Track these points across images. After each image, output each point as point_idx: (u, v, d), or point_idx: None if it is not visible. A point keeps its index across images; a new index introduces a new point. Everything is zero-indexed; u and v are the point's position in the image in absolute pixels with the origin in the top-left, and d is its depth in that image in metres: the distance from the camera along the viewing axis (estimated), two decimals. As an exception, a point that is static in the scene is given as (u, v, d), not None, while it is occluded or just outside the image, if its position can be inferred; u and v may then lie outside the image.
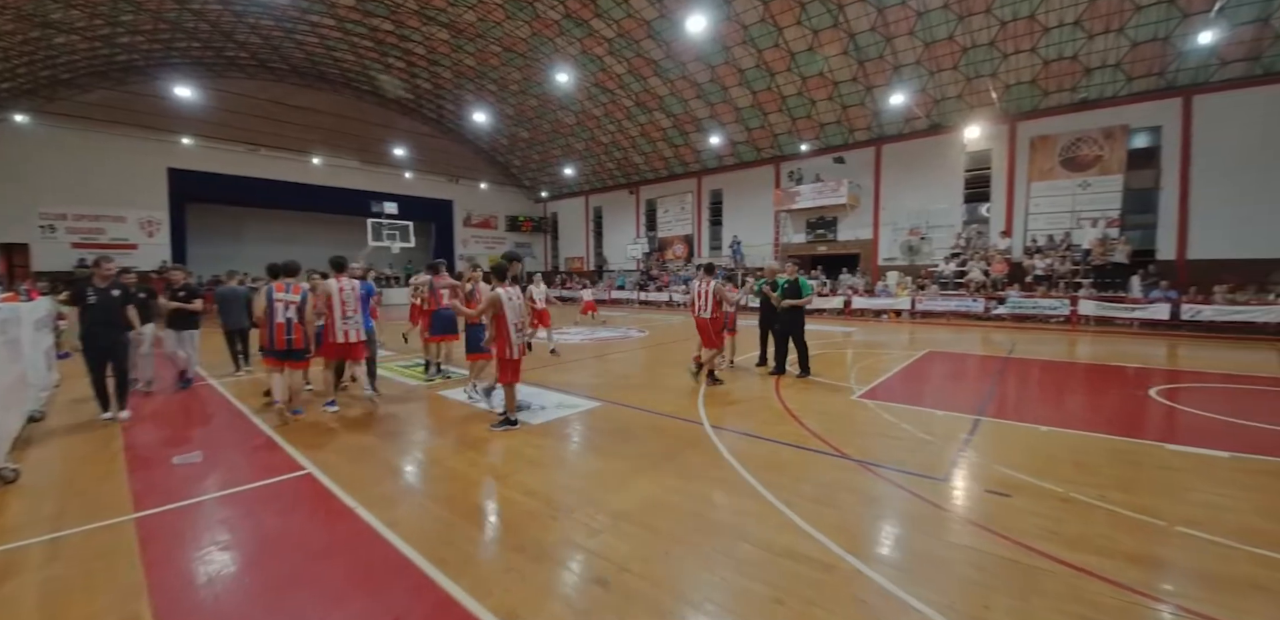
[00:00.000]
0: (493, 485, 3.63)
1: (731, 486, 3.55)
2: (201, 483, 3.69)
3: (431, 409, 5.79)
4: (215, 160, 20.73)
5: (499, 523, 3.11)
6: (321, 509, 3.27)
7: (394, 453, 4.37)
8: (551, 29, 17.87)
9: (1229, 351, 9.41)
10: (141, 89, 18.85)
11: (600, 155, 25.26)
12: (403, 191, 25.19)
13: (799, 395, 6.14)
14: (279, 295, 5.19)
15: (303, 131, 22.10)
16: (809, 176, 19.35)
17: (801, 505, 3.26)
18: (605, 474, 3.82)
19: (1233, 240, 12.78)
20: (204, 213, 21.61)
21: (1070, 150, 14.98)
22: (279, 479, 3.75)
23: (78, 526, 3.05)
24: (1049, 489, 3.50)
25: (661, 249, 24.97)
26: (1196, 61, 12.73)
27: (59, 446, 4.61)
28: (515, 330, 4.73)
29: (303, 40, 19.50)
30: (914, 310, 15.19)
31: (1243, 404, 5.79)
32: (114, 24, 15.68)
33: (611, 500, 3.35)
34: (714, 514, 3.15)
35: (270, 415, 5.31)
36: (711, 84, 18.59)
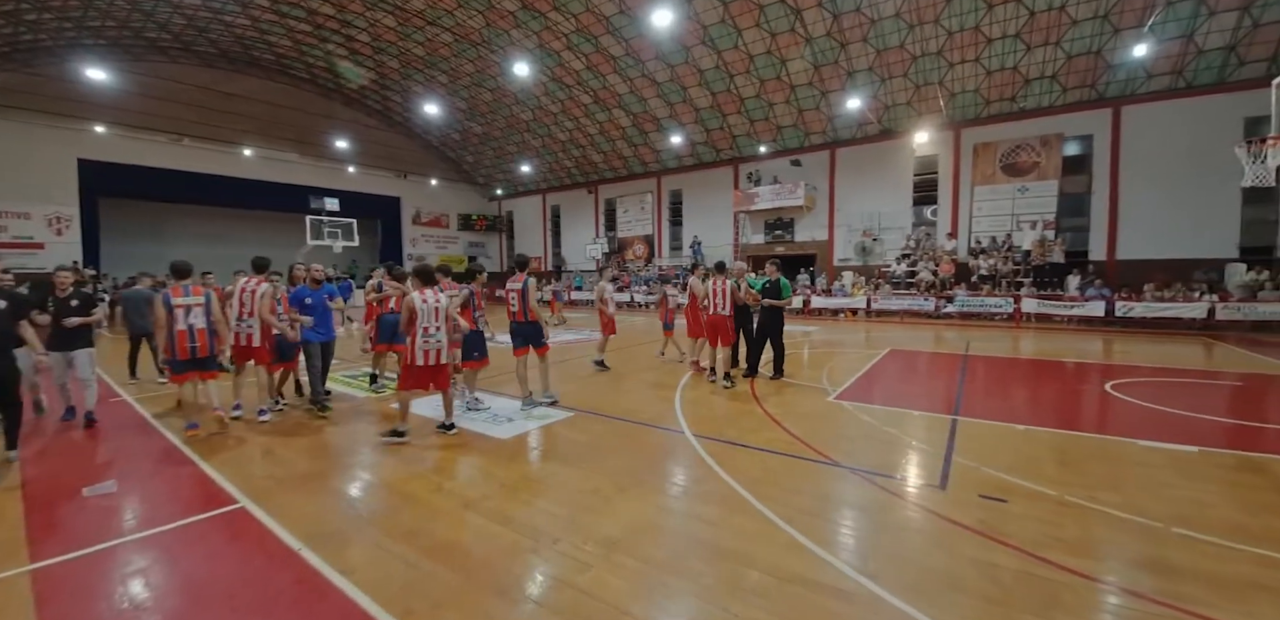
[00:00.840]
0: (462, 514, 3.23)
1: (725, 502, 3.31)
2: (112, 523, 3.12)
3: (383, 426, 5.26)
4: (133, 151, 18.82)
5: (474, 561, 2.73)
6: (259, 552, 2.79)
7: (343, 479, 3.88)
8: (506, 20, 17.25)
9: (1162, 345, 10.05)
10: (50, 72, 16.91)
11: (558, 153, 24.71)
12: (345, 187, 23.76)
13: (776, 398, 6.01)
14: (177, 300, 4.63)
15: (233, 121, 20.44)
16: (767, 178, 19.56)
17: (803, 521, 3.05)
18: (587, 494, 3.49)
19: (1157, 242, 13.78)
20: (120, 208, 19.61)
21: (1010, 156, 15.76)
22: (207, 515, 3.21)
23: None
24: (1041, 492, 3.46)
25: (621, 249, 24.68)
26: (1126, 74, 13.64)
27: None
28: (422, 335, 4.49)
29: (232, 22, 18.01)
30: (869, 309, 15.57)
31: (1192, 397, 6.09)
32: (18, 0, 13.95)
33: (598, 525, 3.03)
34: (712, 536, 2.89)
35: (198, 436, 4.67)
36: (671, 83, 18.47)
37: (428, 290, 4.64)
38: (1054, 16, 13.10)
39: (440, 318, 4.60)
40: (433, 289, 4.70)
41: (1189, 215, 13.38)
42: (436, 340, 4.57)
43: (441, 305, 4.62)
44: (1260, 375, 7.27)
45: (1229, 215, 13.06)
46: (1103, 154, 14.51)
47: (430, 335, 4.54)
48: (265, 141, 21.69)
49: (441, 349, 4.60)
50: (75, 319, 4.97)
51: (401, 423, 4.61)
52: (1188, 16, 12.09)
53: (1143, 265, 13.73)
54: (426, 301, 4.55)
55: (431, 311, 4.55)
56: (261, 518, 3.19)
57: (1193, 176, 13.31)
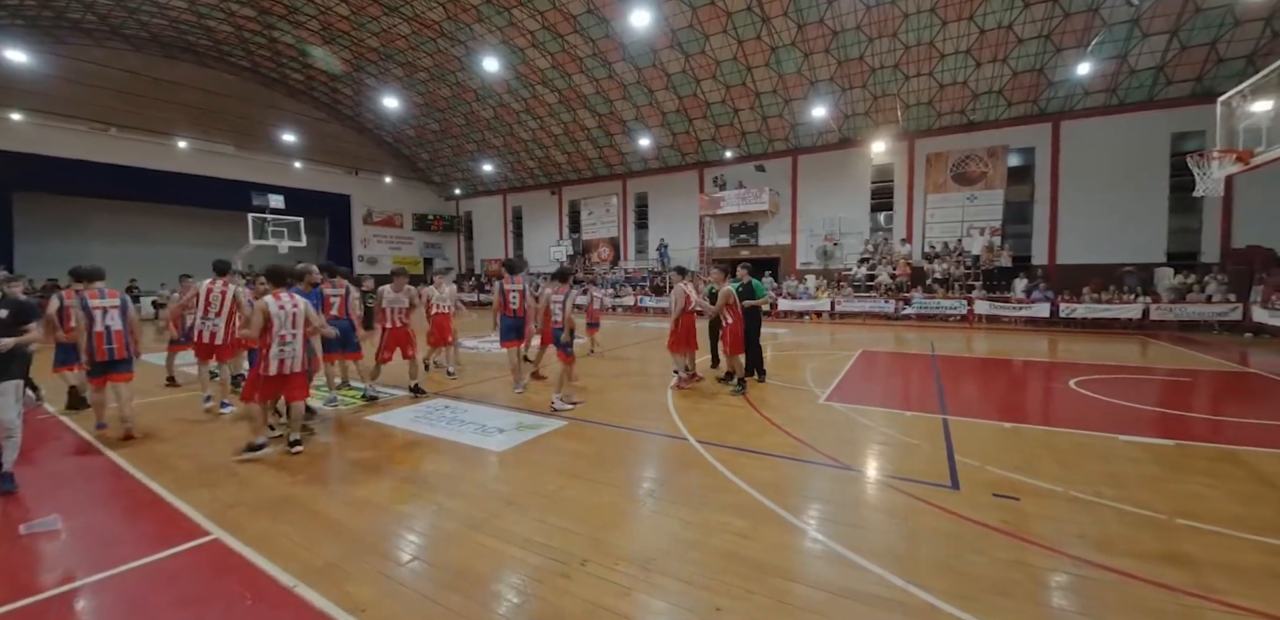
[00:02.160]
0: (473, 536, 2.97)
1: (750, 512, 3.19)
2: (61, 565, 2.68)
3: (363, 439, 4.87)
4: (52, 141, 17.00)
5: (500, 589, 2.49)
6: (248, 592, 2.45)
7: (324, 501, 3.50)
8: (469, 14, 16.73)
9: (1105, 344, 10.76)
10: None
11: (520, 152, 24.18)
12: (291, 183, 22.33)
13: (769, 400, 5.98)
14: (94, 302, 4.66)
15: (165, 110, 18.87)
16: (732, 183, 19.81)
17: (832, 529, 2.99)
18: (603, 509, 3.30)
19: (1092, 247, 14.84)
20: (37, 203, 17.65)
21: (960, 166, 16.60)
22: (175, 550, 2.81)
23: None
24: (1048, 489, 3.54)
25: (586, 251, 24.39)
26: (1065, 91, 14.62)
27: None
28: (277, 343, 4.19)
29: (165, 4, 16.62)
30: (833, 311, 15.99)
31: (1148, 393, 6.51)
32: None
33: (624, 543, 2.86)
34: (748, 551, 2.77)
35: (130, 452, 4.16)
36: (638, 86, 18.43)
37: (283, 294, 4.31)
38: (1001, 35, 13.89)
39: (298, 324, 4.30)
40: (289, 293, 4.36)
41: (1121, 223, 14.48)
42: (292, 349, 4.27)
43: (300, 311, 4.31)
44: (1201, 371, 7.88)
45: (1157, 223, 14.21)
46: (1044, 165, 15.50)
47: (286, 343, 4.23)
48: (201, 133, 20.13)
49: (297, 358, 4.30)
50: (5, 341, 3.60)
51: (259, 436, 4.32)
52: (1122, 38, 13.09)
53: (1080, 269, 14.73)
54: (284, 307, 4.23)
55: (289, 318, 4.24)
56: (240, 550, 2.82)
57: (1125, 187, 14.43)
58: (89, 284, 4.76)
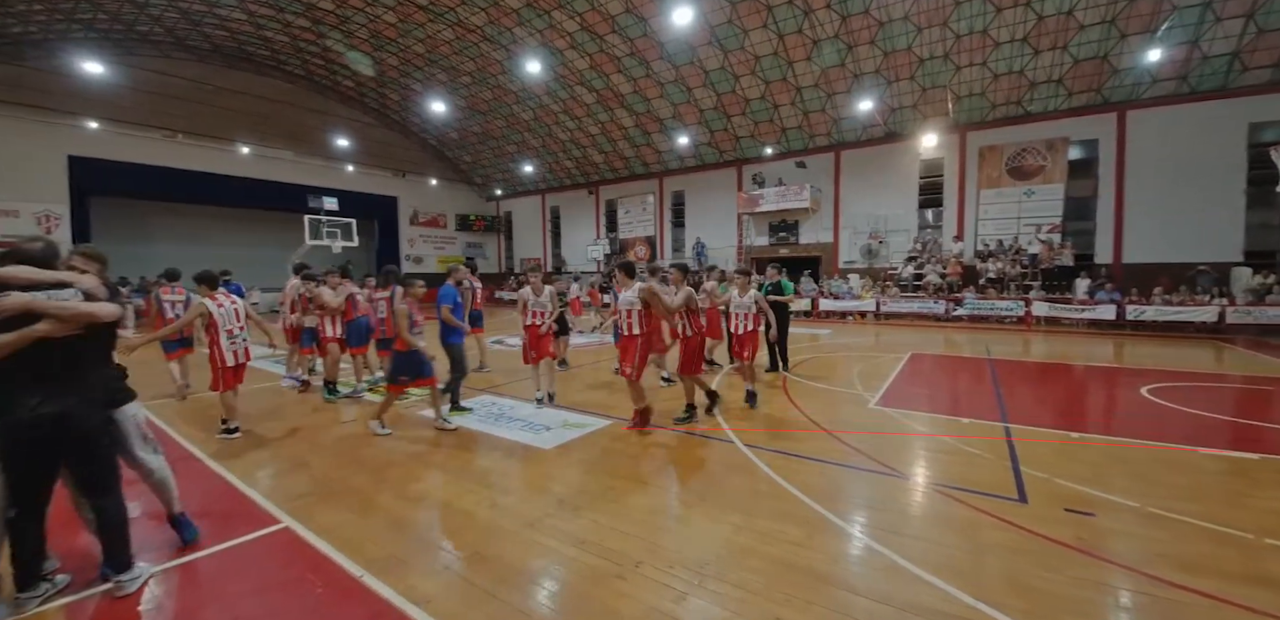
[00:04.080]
0: (528, 535, 3.02)
1: (805, 521, 3.13)
2: (142, 549, 2.86)
3: (416, 434, 5.02)
4: (125, 148, 18.24)
5: (557, 588, 2.53)
6: (318, 580, 2.56)
7: (385, 493, 3.64)
8: (510, 18, 17.00)
9: (1176, 349, 10.06)
10: (39, 65, 16.31)
11: (558, 153, 24.46)
12: (343, 186, 23.27)
13: (816, 403, 5.85)
14: (166, 296, 6.28)
15: (228, 117, 19.93)
16: (771, 180, 19.48)
17: (893, 541, 2.89)
18: (654, 511, 3.30)
19: (1162, 245, 13.87)
20: (111, 207, 19.01)
21: (1016, 160, 15.81)
22: (250, 537, 2.97)
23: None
24: (1122, 503, 3.34)
25: (623, 250, 24.48)
26: (1132, 79, 13.72)
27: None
28: (227, 337, 4.78)
29: (226, 16, 17.56)
30: (878, 312, 15.52)
31: (1229, 402, 6.05)
32: (-5, -16, 13.44)
33: (678, 548, 2.85)
34: (803, 559, 2.71)
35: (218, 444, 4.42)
36: (675, 84, 18.33)
37: (219, 295, 4.82)
38: (1062, 21, 13.14)
39: (241, 319, 4.91)
40: (225, 293, 4.89)
41: (1193, 219, 13.48)
42: (243, 339, 4.90)
43: (240, 308, 4.90)
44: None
45: (1233, 219, 13.16)
46: (1108, 158, 14.59)
47: (235, 336, 4.83)
48: (260, 139, 21.20)
49: (247, 347, 4.93)
50: (133, 339, 3.76)
51: (232, 421, 4.90)
52: (1194, 22, 12.18)
53: (1148, 268, 13.81)
54: (223, 306, 4.78)
55: (230, 314, 4.81)
56: (309, 539, 2.96)
57: (1197, 180, 13.42)
58: (170, 283, 6.32)
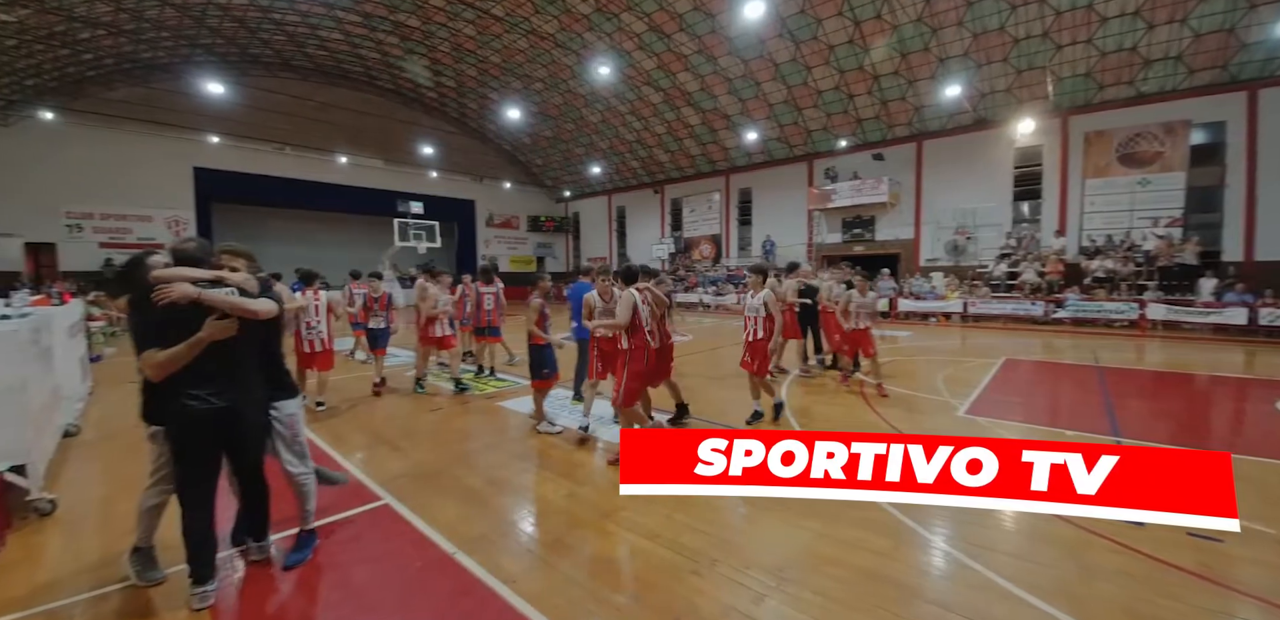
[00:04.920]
0: (604, 525, 3.10)
1: (890, 531, 3.00)
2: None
3: (495, 424, 5.28)
4: (241, 159, 20.50)
5: (633, 580, 2.59)
6: (416, 555, 2.77)
7: (474, 479, 3.86)
8: (580, 24, 17.40)
9: (1332, 360, 8.67)
10: (167, 86, 18.63)
11: (624, 154, 24.77)
12: (427, 191, 24.83)
13: (896, 409, 5.57)
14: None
15: (327, 130, 21.82)
16: (845, 174, 18.71)
17: (988, 557, 2.71)
18: (726, 510, 3.29)
19: (1307, 241, 12.00)
20: (229, 212, 21.41)
21: (1128, 146, 14.22)
22: (356, 511, 3.26)
23: (124, 582, 2.54)
24: (1256, 530, 2.95)
25: (688, 249, 24.42)
26: (1263, 54, 11.94)
27: (99, 469, 4.17)
28: (306, 328, 5.48)
29: (326, 37, 19.21)
30: (965, 314, 14.50)
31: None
32: (139, 19, 15.44)
33: (754, 549, 2.82)
34: (889, 571, 2.60)
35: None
36: (744, 79, 18.02)
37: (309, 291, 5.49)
38: (1183, -11, 11.68)
39: (321, 313, 5.48)
40: (313, 289, 5.49)
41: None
42: (319, 331, 5.48)
43: (321, 304, 5.48)
44: None
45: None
46: (1237, 142, 12.77)
47: (313, 327, 5.46)
48: (355, 148, 23.06)
49: (323, 338, 5.49)
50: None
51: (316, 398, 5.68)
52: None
53: (1288, 267, 11.99)
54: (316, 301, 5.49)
55: (312, 309, 5.44)
56: (407, 516, 3.20)
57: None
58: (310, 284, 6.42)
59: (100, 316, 10.78)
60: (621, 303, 4.08)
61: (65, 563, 2.75)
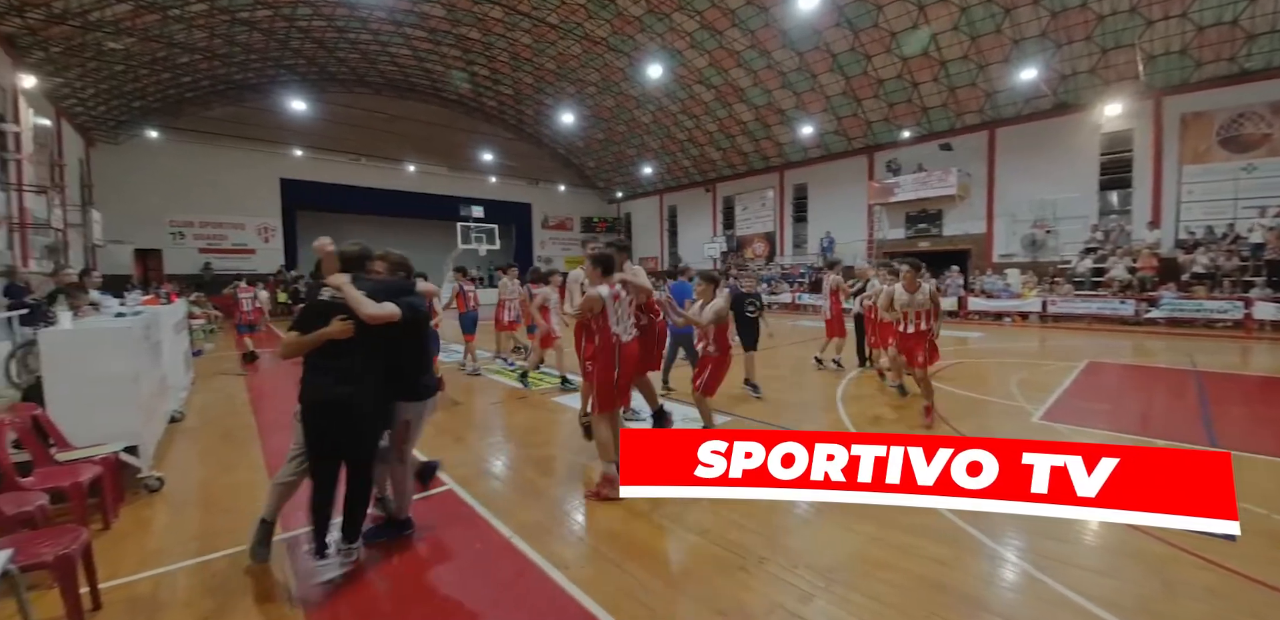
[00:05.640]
0: (654, 518, 3.15)
1: (952, 540, 2.87)
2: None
3: (552, 418, 5.46)
4: (322, 170, 22.17)
5: (680, 572, 2.63)
6: (478, 538, 2.93)
7: (530, 470, 4.02)
8: (632, 26, 17.55)
9: None
10: (256, 105, 20.36)
11: (676, 153, 24.76)
12: (487, 195, 25.88)
13: (963, 414, 5.29)
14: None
15: (397, 141, 23.14)
16: (909, 166, 17.86)
17: (1063, 572, 2.55)
18: (777, 511, 3.25)
19: None
20: (311, 219, 23.13)
21: (1230, 129, 12.80)
22: (423, 495, 3.47)
23: (224, 549, 2.85)
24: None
25: (740, 247, 24.09)
26: None
27: (200, 451, 4.66)
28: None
29: (396, 53, 20.36)
30: (1044, 313, 13.50)
31: None
32: (231, 43, 16.95)
33: (804, 549, 2.79)
34: (948, 580, 2.50)
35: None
36: (799, 72, 17.57)
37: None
38: (1311, -54, 10.35)
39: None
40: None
41: None
42: None
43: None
44: None
45: None
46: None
47: None
48: (422, 157, 24.37)
49: None
50: None
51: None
52: None
53: None
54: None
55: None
56: (469, 502, 3.38)
57: None
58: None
59: (200, 315, 11.92)
60: (585, 300, 3.56)
61: (170, 534, 3.10)
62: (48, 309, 4.22)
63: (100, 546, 2.78)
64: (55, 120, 14.05)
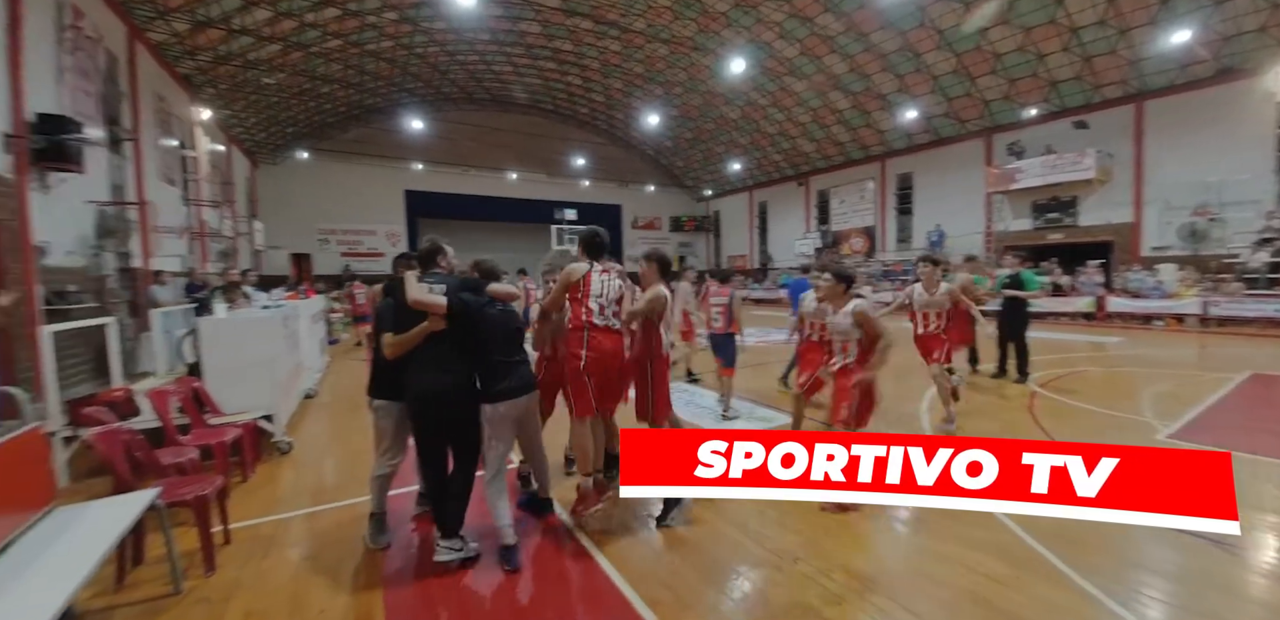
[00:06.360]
0: (699, 511, 3.16)
1: (1016, 559, 2.61)
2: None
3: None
4: (437, 181, 24.63)
5: (712, 564, 2.66)
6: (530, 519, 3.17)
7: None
8: (718, 22, 17.38)
9: None
10: (382, 125, 23.03)
11: (766, 147, 24.11)
12: (579, 199, 27.10)
13: (1070, 426, 4.71)
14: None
15: (500, 151, 24.98)
16: (1034, 149, 15.90)
17: (1147, 605, 2.23)
18: (827, 515, 3.14)
19: None
20: (430, 225, 25.65)
21: None
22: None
23: (331, 503, 3.39)
24: None
25: (836, 243, 22.89)
26: None
27: (326, 422, 5.44)
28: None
29: (499, 70, 21.93)
30: (1205, 316, 11.40)
31: None
32: (361, 72, 19.28)
33: (843, 553, 2.69)
34: (1002, 599, 2.29)
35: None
36: (901, 53, 16.33)
37: None
38: None
39: None
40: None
41: None
42: None
43: None
44: None
45: None
46: None
47: None
48: (523, 166, 26.10)
49: None
50: None
51: None
52: None
53: None
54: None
55: None
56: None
57: None
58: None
59: (339, 309, 13.76)
60: (650, 300, 3.23)
61: (292, 488, 3.73)
62: (211, 302, 5.18)
63: (237, 495, 3.43)
64: (226, 146, 16.92)
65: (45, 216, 6.47)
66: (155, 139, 10.81)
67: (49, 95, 6.92)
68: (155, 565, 2.59)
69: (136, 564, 2.58)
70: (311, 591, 2.45)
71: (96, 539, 2.06)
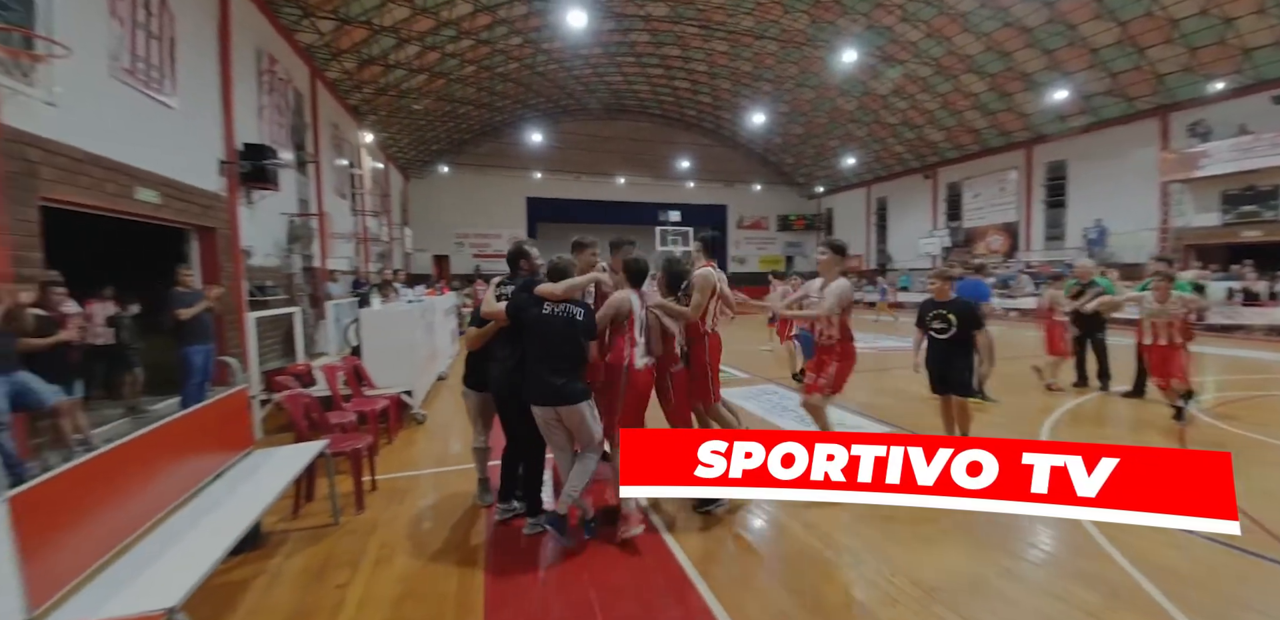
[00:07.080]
0: (767, 504, 3.30)
1: (1111, 590, 2.39)
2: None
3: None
4: (554, 188, 26.47)
5: (771, 551, 2.79)
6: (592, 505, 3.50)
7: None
8: (832, 12, 16.62)
9: None
10: (508, 139, 25.27)
11: (886, 138, 22.53)
12: (684, 200, 27.47)
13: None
14: None
15: (611, 157, 26.17)
16: (1224, 129, 13.21)
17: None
18: (900, 524, 3.06)
19: None
20: (547, 229, 27.71)
21: None
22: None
23: (453, 465, 4.04)
24: None
25: (969, 241, 20.75)
26: None
27: (452, 401, 6.29)
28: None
29: (610, 80, 22.98)
30: None
31: None
32: (492, 94, 21.32)
33: (910, 561, 2.65)
34: (1081, 624, 2.16)
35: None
36: (1050, 25, 14.41)
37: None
38: None
39: None
40: None
41: None
42: None
43: None
44: None
45: None
46: None
47: None
48: (631, 170, 27.07)
49: None
50: None
51: None
52: None
53: None
54: None
55: None
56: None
57: None
58: None
59: (468, 305, 15.42)
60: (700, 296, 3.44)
61: (423, 451, 4.53)
62: (369, 296, 6.29)
63: (382, 453, 4.23)
64: (384, 163, 19.65)
65: (250, 226, 8.14)
66: (331, 160, 13.01)
67: (252, 128, 8.63)
68: (320, 503, 3.32)
69: (309, 500, 3.33)
70: (430, 533, 3.01)
71: (280, 475, 2.75)
